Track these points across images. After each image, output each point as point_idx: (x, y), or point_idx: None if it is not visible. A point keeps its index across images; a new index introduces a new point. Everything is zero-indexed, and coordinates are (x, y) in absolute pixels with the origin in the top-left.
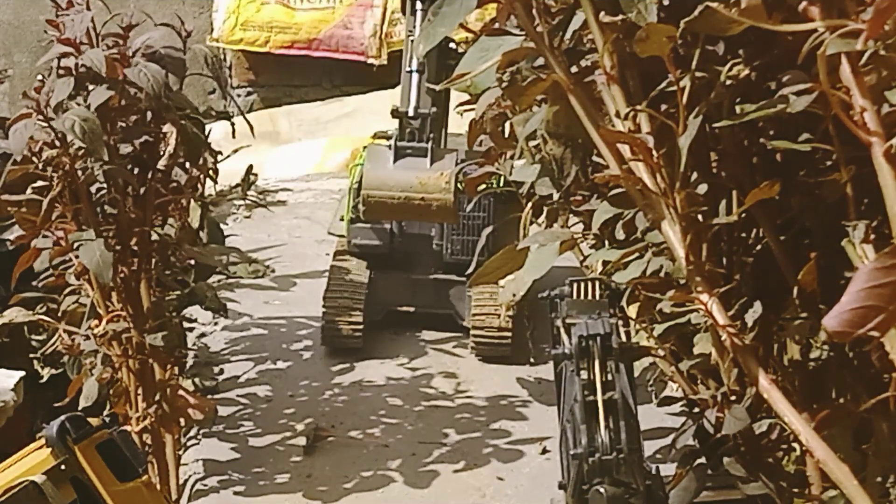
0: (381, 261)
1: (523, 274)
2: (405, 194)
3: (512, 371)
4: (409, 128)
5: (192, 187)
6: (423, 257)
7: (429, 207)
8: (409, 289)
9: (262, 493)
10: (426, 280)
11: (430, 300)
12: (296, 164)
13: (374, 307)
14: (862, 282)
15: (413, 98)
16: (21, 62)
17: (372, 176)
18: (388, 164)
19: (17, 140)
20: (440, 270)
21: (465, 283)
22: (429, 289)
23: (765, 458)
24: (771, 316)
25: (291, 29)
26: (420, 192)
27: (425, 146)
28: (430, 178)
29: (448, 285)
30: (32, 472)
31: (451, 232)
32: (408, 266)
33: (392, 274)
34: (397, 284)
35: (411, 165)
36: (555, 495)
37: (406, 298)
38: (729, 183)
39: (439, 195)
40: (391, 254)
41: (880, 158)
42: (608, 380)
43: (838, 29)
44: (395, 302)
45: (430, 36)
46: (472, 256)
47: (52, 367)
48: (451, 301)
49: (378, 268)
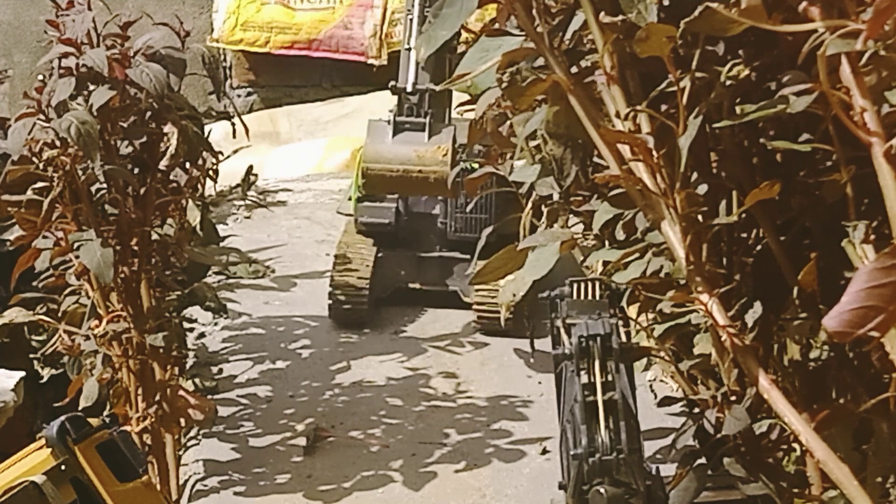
0: (388, 239)
1: (523, 274)
2: (403, 167)
3: (512, 371)
4: (407, 103)
5: (192, 187)
6: (429, 236)
7: (426, 180)
8: (415, 266)
9: (263, 494)
10: (431, 258)
11: (436, 277)
12: (296, 164)
13: (381, 284)
14: (862, 282)
15: (411, 74)
16: (21, 62)
17: (371, 150)
18: (387, 138)
19: (15, 140)
20: (445, 248)
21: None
22: (434, 266)
23: (765, 459)
24: (771, 316)
25: (291, 29)
26: (418, 165)
27: (423, 121)
28: (427, 151)
29: (452, 263)
30: (32, 472)
31: (455, 210)
32: (414, 244)
33: (398, 252)
34: (404, 262)
35: (409, 140)
36: (555, 495)
37: (412, 276)
38: (729, 183)
39: (436, 168)
40: (397, 232)
41: (880, 158)
42: (608, 380)
43: (838, 29)
44: (402, 279)
45: (430, 39)
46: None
47: (53, 367)
48: (455, 278)
49: (385, 246)
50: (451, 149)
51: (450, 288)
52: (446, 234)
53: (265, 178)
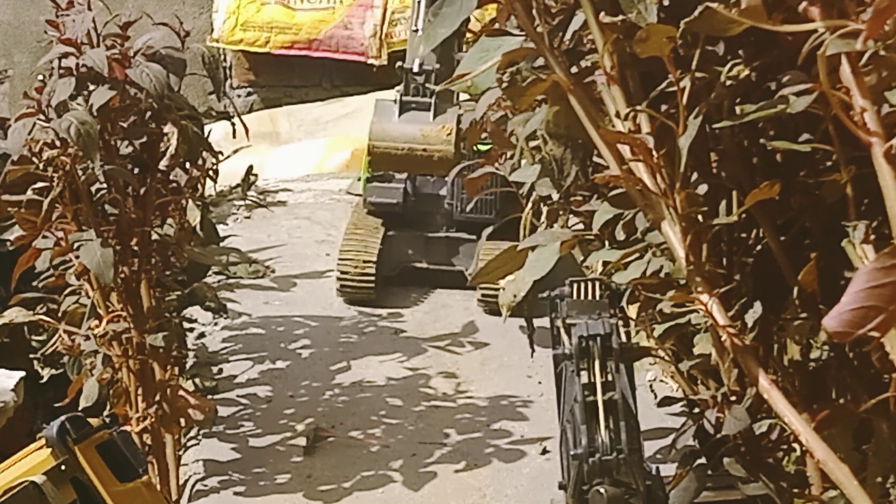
0: (396, 219)
1: (524, 274)
2: (408, 146)
3: (512, 371)
4: (413, 83)
5: (192, 187)
6: (436, 216)
7: (430, 159)
8: (422, 246)
9: (263, 494)
10: (438, 238)
11: (443, 257)
12: (296, 164)
13: (389, 263)
14: (862, 282)
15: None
16: (21, 62)
17: (377, 128)
18: (394, 117)
19: (15, 140)
20: (452, 228)
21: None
22: (441, 246)
23: (765, 459)
24: (771, 316)
25: (291, 29)
26: (422, 143)
27: (428, 101)
28: (432, 130)
29: (459, 243)
30: (32, 472)
31: (461, 191)
32: (421, 224)
33: (406, 232)
34: (411, 242)
35: (415, 119)
36: (555, 495)
37: (420, 255)
38: (729, 183)
39: (441, 147)
40: (405, 212)
41: (880, 159)
42: (608, 380)
43: (838, 29)
44: (410, 259)
45: (430, 37)
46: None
47: (53, 367)
48: (461, 258)
49: (393, 226)
50: (456, 129)
51: (456, 267)
52: (453, 215)
53: (265, 178)
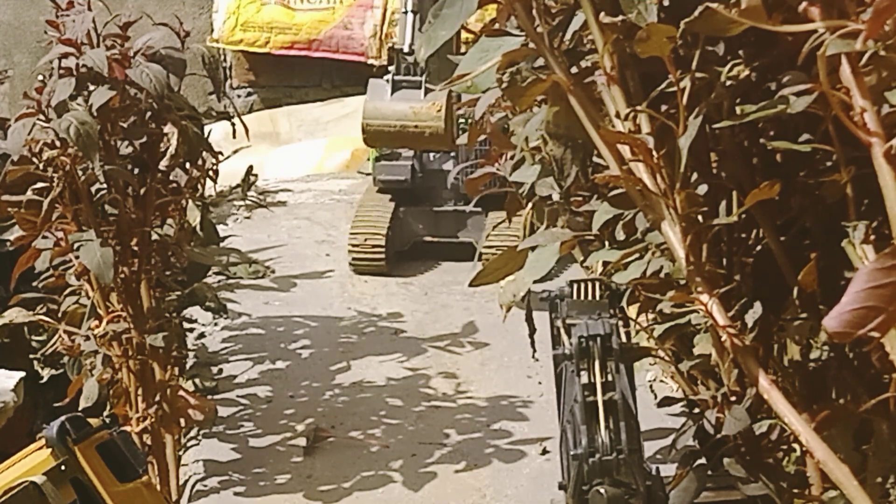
0: (405, 195)
1: (524, 274)
2: (401, 123)
3: (512, 371)
4: (404, 63)
5: (192, 188)
6: (443, 191)
7: (422, 135)
8: (431, 220)
9: (263, 494)
10: (446, 212)
11: (450, 230)
12: (296, 164)
13: (400, 238)
14: (862, 282)
15: (408, 36)
16: (21, 62)
17: (371, 107)
18: (386, 96)
19: (15, 140)
20: (460, 202)
21: (482, 213)
22: (449, 220)
23: (765, 459)
24: (771, 316)
25: (291, 30)
26: (414, 120)
27: (419, 79)
28: (423, 107)
29: (466, 216)
30: (32, 472)
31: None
32: (429, 199)
33: (416, 207)
34: (420, 216)
35: (406, 97)
36: (555, 496)
37: (428, 229)
38: (729, 183)
39: (431, 123)
40: (413, 189)
41: (880, 159)
42: (608, 380)
43: (838, 29)
44: (420, 233)
45: (430, 40)
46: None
47: (53, 367)
48: (469, 230)
49: (402, 202)
50: (447, 105)
51: (462, 240)
52: (459, 189)
53: (265, 179)
